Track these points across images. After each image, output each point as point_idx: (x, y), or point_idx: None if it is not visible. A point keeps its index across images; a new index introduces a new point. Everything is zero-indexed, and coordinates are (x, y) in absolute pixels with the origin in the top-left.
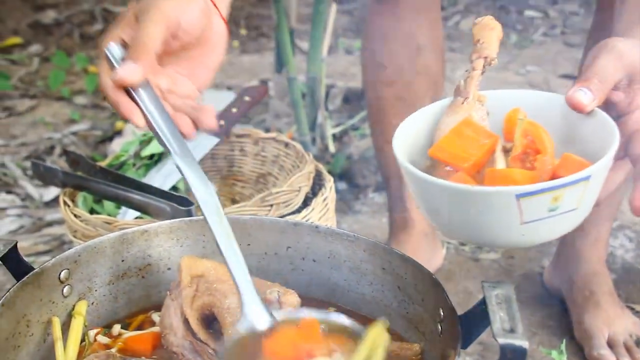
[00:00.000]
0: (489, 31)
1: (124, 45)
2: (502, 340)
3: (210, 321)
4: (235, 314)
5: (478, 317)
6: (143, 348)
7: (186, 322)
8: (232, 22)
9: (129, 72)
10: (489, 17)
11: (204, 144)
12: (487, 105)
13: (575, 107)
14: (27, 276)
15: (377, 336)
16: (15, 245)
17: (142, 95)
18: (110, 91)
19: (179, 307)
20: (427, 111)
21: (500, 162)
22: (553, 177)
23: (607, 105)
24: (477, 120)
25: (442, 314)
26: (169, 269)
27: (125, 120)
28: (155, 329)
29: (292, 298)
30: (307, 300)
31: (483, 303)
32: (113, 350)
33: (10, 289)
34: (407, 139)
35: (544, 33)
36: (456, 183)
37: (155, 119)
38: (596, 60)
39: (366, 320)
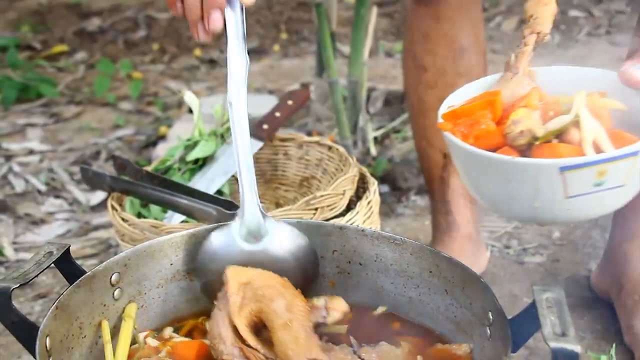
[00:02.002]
0: (543, 6)
1: None
2: (553, 345)
3: (259, 329)
4: (283, 315)
5: (528, 321)
6: (189, 354)
7: (234, 329)
8: (273, 26)
9: None
10: None
11: None
12: (537, 82)
13: (629, 83)
14: (79, 279)
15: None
16: (68, 249)
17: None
18: None
19: (226, 315)
20: (475, 85)
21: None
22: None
23: None
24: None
25: (491, 317)
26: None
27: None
28: (206, 340)
29: (340, 303)
30: (353, 304)
31: (533, 306)
32: (162, 354)
33: (64, 291)
34: None
35: (589, 32)
36: (500, 154)
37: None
38: None
39: (413, 325)
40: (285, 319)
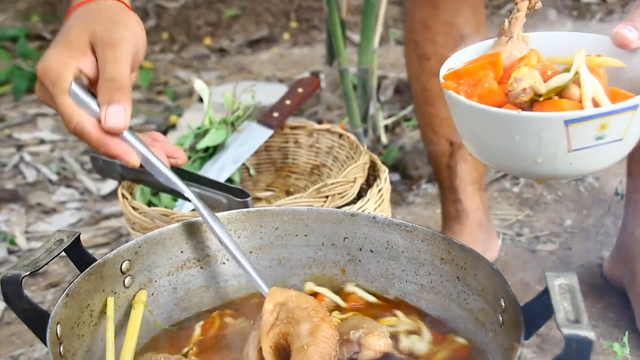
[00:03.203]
0: None
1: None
2: (566, 331)
3: (288, 353)
4: (303, 339)
5: (540, 308)
6: None
7: (260, 350)
8: (283, 14)
9: (120, 118)
10: None
11: (258, 136)
12: (531, 46)
13: (620, 44)
14: (90, 267)
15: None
16: (79, 237)
17: (130, 136)
18: (95, 134)
19: (257, 335)
20: (471, 50)
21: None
22: None
23: None
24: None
25: (503, 304)
26: (227, 259)
27: (114, 159)
28: None
29: (375, 341)
30: (365, 291)
31: (546, 293)
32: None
33: (74, 279)
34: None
35: (601, 19)
36: (502, 109)
37: (149, 157)
38: None
39: (427, 313)
40: (303, 343)
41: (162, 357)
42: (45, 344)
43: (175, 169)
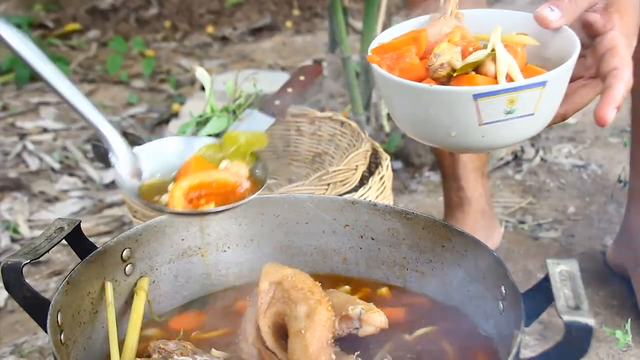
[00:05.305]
0: None
1: None
2: (567, 318)
3: (286, 332)
4: (300, 322)
5: (541, 295)
6: None
7: (259, 329)
8: (285, 2)
9: None
10: None
11: (260, 124)
12: (464, 23)
13: (541, 23)
14: (90, 255)
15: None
16: (79, 225)
17: None
18: None
19: (254, 312)
20: (405, 25)
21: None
22: None
23: (584, 26)
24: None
25: (504, 291)
26: (228, 247)
27: None
28: None
29: (375, 318)
30: (366, 279)
31: (546, 280)
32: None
33: (75, 267)
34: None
35: None
36: (416, 82)
37: None
38: None
39: (428, 301)
40: (300, 327)
41: (160, 343)
42: (46, 332)
43: None
